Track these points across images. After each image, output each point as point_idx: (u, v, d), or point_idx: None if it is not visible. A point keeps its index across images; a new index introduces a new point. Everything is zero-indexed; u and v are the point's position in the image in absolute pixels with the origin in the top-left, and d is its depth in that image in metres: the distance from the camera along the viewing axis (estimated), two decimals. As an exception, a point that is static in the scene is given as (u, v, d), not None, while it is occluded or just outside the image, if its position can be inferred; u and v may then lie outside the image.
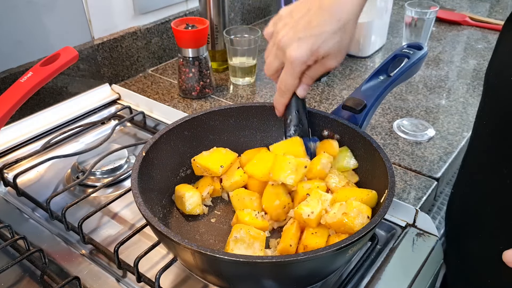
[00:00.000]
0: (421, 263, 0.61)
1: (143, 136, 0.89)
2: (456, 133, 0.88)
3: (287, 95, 0.63)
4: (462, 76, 1.10)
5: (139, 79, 1.10)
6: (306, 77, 0.60)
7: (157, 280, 0.55)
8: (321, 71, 0.60)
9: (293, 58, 0.56)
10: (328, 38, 0.55)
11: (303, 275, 0.51)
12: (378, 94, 0.69)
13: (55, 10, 0.91)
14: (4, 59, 0.86)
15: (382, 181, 0.58)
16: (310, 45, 0.55)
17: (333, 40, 0.55)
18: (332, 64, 0.58)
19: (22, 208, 0.72)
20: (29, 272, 0.61)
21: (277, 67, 0.61)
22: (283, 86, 0.61)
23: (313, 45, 0.55)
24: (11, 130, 0.84)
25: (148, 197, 0.59)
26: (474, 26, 1.36)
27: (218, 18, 1.05)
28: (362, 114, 0.68)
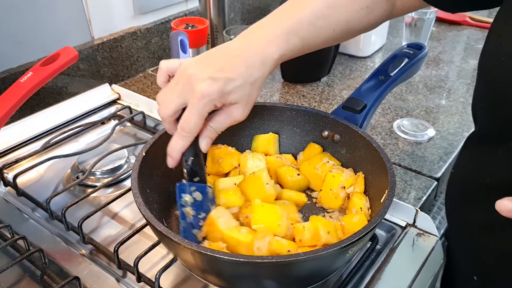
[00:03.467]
0: (421, 263, 0.61)
1: (143, 136, 0.89)
2: (456, 133, 0.88)
3: (189, 138, 0.56)
4: (462, 76, 1.10)
5: (139, 79, 1.10)
6: (210, 129, 0.57)
7: (157, 280, 0.55)
8: (226, 124, 0.57)
9: (203, 93, 0.52)
10: (239, 85, 0.54)
11: (303, 275, 0.51)
12: (378, 94, 0.69)
13: (55, 10, 0.91)
14: (4, 59, 0.86)
15: (382, 181, 0.58)
16: (222, 86, 0.53)
17: (244, 90, 0.54)
18: (238, 115, 0.56)
19: (22, 208, 0.72)
20: (29, 272, 0.61)
21: (178, 107, 0.55)
22: (186, 127, 0.55)
23: (225, 87, 0.53)
24: (11, 130, 0.84)
25: (148, 197, 0.59)
26: (474, 26, 1.36)
27: (218, 18, 1.05)
28: (362, 114, 0.68)
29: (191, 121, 0.54)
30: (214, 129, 0.57)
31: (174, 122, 0.57)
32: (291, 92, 1.03)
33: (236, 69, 0.54)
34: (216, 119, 0.57)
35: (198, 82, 0.53)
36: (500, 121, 0.56)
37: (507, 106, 0.54)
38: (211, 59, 0.56)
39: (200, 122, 0.55)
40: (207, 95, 0.53)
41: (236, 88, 0.54)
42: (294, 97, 1.01)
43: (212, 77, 0.53)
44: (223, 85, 0.53)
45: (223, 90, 0.53)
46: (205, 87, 0.52)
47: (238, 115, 0.56)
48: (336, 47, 1.05)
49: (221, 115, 0.57)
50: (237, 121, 0.57)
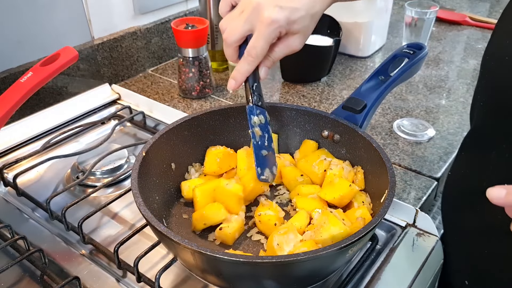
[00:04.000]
0: (421, 263, 0.61)
1: (143, 136, 0.89)
2: (456, 133, 0.88)
3: (255, 62, 0.59)
4: (462, 76, 1.10)
5: (139, 79, 1.10)
6: (269, 59, 0.60)
7: (157, 280, 0.55)
8: (283, 54, 0.60)
9: (272, 20, 0.55)
10: (303, 16, 0.56)
11: (303, 275, 0.51)
12: (378, 94, 0.69)
13: (55, 10, 0.91)
14: (4, 59, 0.86)
15: (382, 181, 0.58)
16: (288, 14, 0.55)
17: (305, 21, 0.57)
18: (296, 45, 0.59)
19: (22, 208, 0.72)
20: (29, 272, 0.61)
21: (244, 32, 0.58)
22: (253, 52, 0.58)
23: (291, 15, 0.56)
24: (11, 130, 0.84)
25: (148, 197, 0.59)
26: (474, 26, 1.36)
27: (218, 18, 1.05)
28: (362, 114, 0.68)
29: (258, 46, 0.57)
30: (272, 58, 0.60)
31: (237, 48, 0.60)
32: (291, 92, 1.03)
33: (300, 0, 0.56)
34: (274, 49, 0.59)
35: (266, 9, 0.55)
36: (497, 121, 0.56)
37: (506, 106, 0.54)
38: None
39: (266, 48, 0.57)
40: (275, 22, 0.55)
41: (301, 18, 0.56)
42: (294, 97, 1.01)
43: (280, 5, 0.55)
44: (290, 13, 0.55)
45: (289, 18, 0.56)
46: (274, 13, 0.55)
47: (296, 45, 0.59)
48: (336, 47, 1.05)
49: (280, 45, 0.59)
50: (294, 51, 0.59)
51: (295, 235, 0.56)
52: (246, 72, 0.60)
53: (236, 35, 0.58)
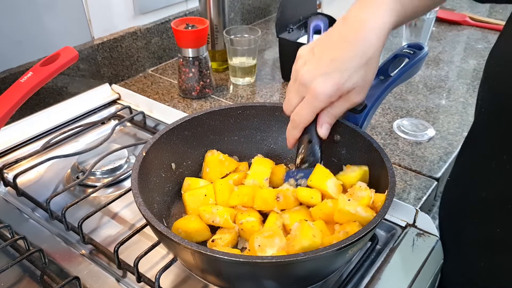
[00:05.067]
0: (421, 263, 0.61)
1: (143, 136, 0.89)
2: (456, 133, 0.88)
3: (299, 128, 0.59)
4: (462, 76, 1.10)
5: (139, 79, 1.10)
6: (329, 115, 0.58)
7: (157, 280, 0.55)
8: (345, 107, 0.57)
9: (318, 92, 0.54)
10: (353, 73, 0.53)
11: (303, 275, 0.51)
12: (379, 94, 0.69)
13: (55, 10, 0.91)
14: (4, 59, 0.86)
15: (382, 181, 0.58)
16: (336, 80, 0.53)
17: (358, 75, 0.53)
18: (357, 99, 0.56)
19: (22, 208, 0.72)
20: (29, 272, 0.61)
21: (297, 103, 0.58)
22: (297, 118, 0.58)
23: (340, 81, 0.53)
24: (11, 130, 0.84)
25: (148, 197, 0.59)
26: (474, 26, 1.36)
27: (218, 18, 1.05)
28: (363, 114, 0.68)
29: (302, 114, 0.57)
30: (333, 114, 0.58)
31: None
32: (291, 92, 1.03)
33: (346, 57, 0.53)
34: (334, 105, 0.57)
35: (312, 81, 0.54)
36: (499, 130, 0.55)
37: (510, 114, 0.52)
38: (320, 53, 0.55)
39: (311, 117, 0.57)
40: (321, 93, 0.54)
41: (350, 77, 0.53)
42: (294, 97, 1.00)
43: (324, 73, 0.53)
44: (338, 78, 0.53)
45: (338, 83, 0.53)
46: (320, 84, 0.53)
47: (356, 98, 0.56)
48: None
49: (339, 101, 0.56)
50: (356, 104, 0.57)
51: (281, 239, 0.54)
52: (294, 135, 0.61)
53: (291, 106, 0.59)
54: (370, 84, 0.56)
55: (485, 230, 0.59)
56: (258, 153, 0.73)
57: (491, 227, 0.58)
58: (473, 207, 0.61)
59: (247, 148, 0.74)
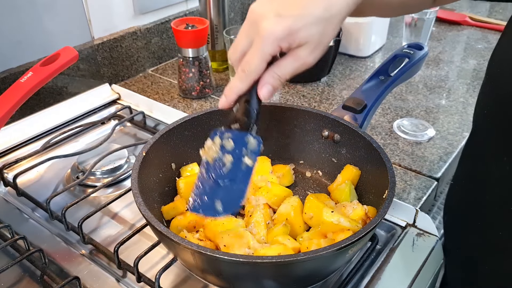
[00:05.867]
0: (421, 263, 0.61)
1: (143, 136, 0.89)
2: (456, 133, 0.88)
3: (248, 80, 0.50)
4: (462, 76, 1.10)
5: (139, 79, 1.10)
6: (273, 74, 0.50)
7: (157, 280, 0.55)
8: (292, 69, 0.49)
9: (267, 32, 0.46)
10: (311, 22, 0.46)
11: (303, 275, 0.51)
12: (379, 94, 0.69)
13: (55, 10, 0.91)
14: (4, 59, 0.86)
15: (382, 181, 0.58)
16: (289, 23, 0.46)
17: (316, 28, 0.47)
18: (307, 58, 0.48)
19: (22, 208, 0.72)
20: (29, 272, 0.61)
21: (245, 47, 0.50)
22: (246, 67, 0.49)
23: (293, 25, 0.46)
24: (11, 130, 0.84)
25: (148, 197, 0.59)
26: (474, 26, 1.36)
27: (218, 18, 1.05)
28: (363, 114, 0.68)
29: (252, 62, 0.49)
30: (278, 75, 0.50)
31: None
32: (291, 92, 1.03)
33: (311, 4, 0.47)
34: (280, 63, 0.49)
35: (263, 20, 0.47)
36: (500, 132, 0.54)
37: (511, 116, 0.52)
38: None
39: (262, 65, 0.49)
40: (270, 34, 0.46)
41: (306, 26, 0.46)
42: (294, 97, 1.01)
43: (280, 14, 0.46)
44: (292, 22, 0.46)
45: (291, 27, 0.46)
46: (270, 25, 0.46)
47: (306, 57, 0.48)
48: (336, 47, 1.05)
49: (287, 58, 0.49)
50: (306, 65, 0.49)
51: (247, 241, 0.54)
52: (238, 90, 0.51)
53: (237, 51, 0.51)
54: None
55: (489, 234, 0.59)
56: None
57: (495, 231, 0.58)
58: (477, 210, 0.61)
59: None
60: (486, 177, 0.58)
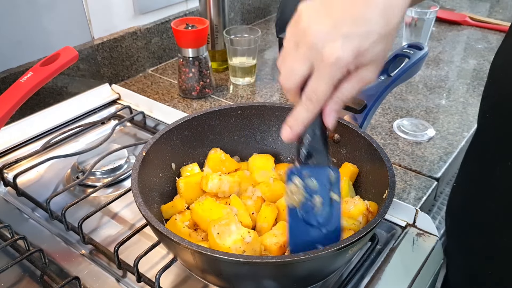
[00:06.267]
0: (421, 263, 0.61)
1: (143, 136, 0.89)
2: (456, 133, 0.88)
3: (316, 109, 0.46)
4: (462, 76, 1.10)
5: (139, 79, 1.10)
6: (337, 100, 0.46)
7: (157, 280, 0.55)
8: (356, 91, 0.45)
9: (335, 57, 0.41)
10: (375, 41, 0.42)
11: (303, 275, 0.51)
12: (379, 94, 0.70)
13: (55, 10, 0.91)
14: (4, 59, 0.86)
15: (382, 181, 0.58)
16: (357, 45, 0.41)
17: (380, 45, 0.42)
18: (369, 77, 0.44)
19: (22, 208, 0.72)
20: (29, 272, 0.61)
21: (304, 73, 0.44)
22: (314, 96, 0.44)
23: (361, 46, 0.41)
24: (11, 130, 0.84)
25: (148, 197, 0.59)
26: (474, 26, 1.36)
27: (218, 18, 1.05)
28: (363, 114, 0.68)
29: (319, 90, 0.44)
30: (341, 99, 0.46)
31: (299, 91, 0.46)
32: (291, 92, 1.03)
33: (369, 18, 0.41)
34: (344, 87, 0.45)
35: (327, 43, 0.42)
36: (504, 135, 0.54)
37: None
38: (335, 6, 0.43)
39: (330, 91, 0.44)
40: (339, 60, 0.42)
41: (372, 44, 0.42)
42: (294, 97, 1.00)
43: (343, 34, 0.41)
44: (358, 43, 0.41)
45: (358, 50, 0.42)
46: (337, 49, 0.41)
47: (370, 77, 0.44)
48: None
49: (351, 81, 0.44)
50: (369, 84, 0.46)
51: (237, 227, 0.55)
52: (306, 120, 0.47)
53: (294, 78, 0.45)
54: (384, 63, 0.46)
55: (494, 237, 0.58)
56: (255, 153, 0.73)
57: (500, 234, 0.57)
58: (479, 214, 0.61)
59: (247, 148, 0.74)
60: (489, 180, 0.58)
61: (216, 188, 0.63)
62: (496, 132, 0.56)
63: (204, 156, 0.71)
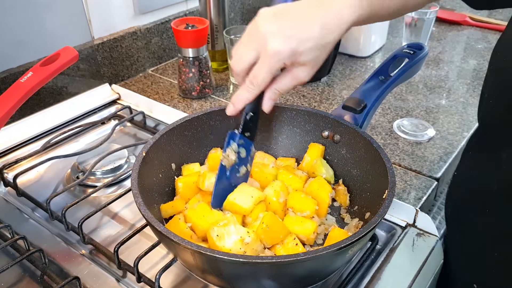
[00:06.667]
0: (421, 263, 0.61)
1: (143, 136, 0.89)
2: (456, 133, 0.88)
3: (255, 91, 0.58)
4: (462, 76, 1.10)
5: (139, 79, 1.10)
6: (274, 91, 0.58)
7: (157, 280, 0.55)
8: (290, 85, 0.58)
9: (275, 50, 0.53)
10: (311, 47, 0.54)
11: (303, 275, 0.51)
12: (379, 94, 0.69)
13: (55, 10, 0.91)
14: (4, 59, 0.86)
15: (382, 181, 0.58)
16: (294, 45, 0.53)
17: (314, 52, 0.54)
18: (303, 77, 0.57)
19: (22, 208, 0.72)
20: (29, 272, 0.61)
21: (251, 60, 0.56)
22: (255, 81, 0.56)
23: (297, 47, 0.53)
24: (11, 130, 0.84)
25: (148, 197, 0.59)
26: (474, 26, 1.36)
27: (218, 18, 1.05)
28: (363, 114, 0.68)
29: (259, 76, 0.56)
30: (278, 90, 0.58)
31: (245, 76, 0.58)
32: (291, 92, 1.03)
33: (311, 29, 0.54)
34: (280, 80, 0.57)
35: (272, 39, 0.53)
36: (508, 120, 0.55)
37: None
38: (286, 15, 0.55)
39: (268, 78, 0.56)
40: (278, 53, 0.53)
41: (308, 49, 0.54)
42: (294, 97, 1.01)
43: (287, 35, 0.53)
44: (296, 45, 0.53)
45: (296, 49, 0.53)
46: (279, 44, 0.53)
47: (303, 77, 0.56)
48: (336, 47, 1.05)
49: (286, 76, 0.57)
50: (301, 83, 0.57)
51: (236, 227, 0.55)
52: (245, 99, 0.59)
53: (242, 64, 0.57)
54: (316, 69, 0.57)
55: (494, 222, 0.59)
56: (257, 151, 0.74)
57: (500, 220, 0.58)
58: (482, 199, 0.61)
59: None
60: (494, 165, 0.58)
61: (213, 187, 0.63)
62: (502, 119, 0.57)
63: (204, 156, 0.71)
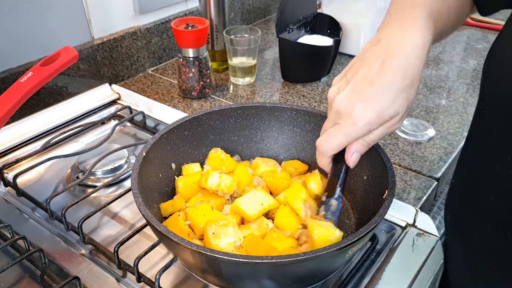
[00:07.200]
0: (421, 263, 0.61)
1: (143, 136, 0.89)
2: (456, 133, 0.88)
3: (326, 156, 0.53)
4: (462, 76, 1.10)
5: (139, 79, 1.10)
6: (363, 143, 0.51)
7: (157, 280, 0.55)
8: (382, 136, 0.51)
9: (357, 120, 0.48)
10: (396, 97, 0.48)
11: (303, 275, 0.51)
12: (378, 94, 0.69)
13: (55, 10, 0.91)
14: (4, 59, 0.86)
15: (382, 181, 0.58)
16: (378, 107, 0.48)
17: (400, 99, 0.48)
18: (397, 125, 0.50)
19: (22, 208, 0.72)
20: (29, 272, 0.61)
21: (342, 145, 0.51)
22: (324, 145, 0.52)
23: (381, 107, 0.48)
24: (11, 130, 0.84)
25: (148, 197, 0.59)
26: (474, 26, 1.36)
27: (218, 18, 1.05)
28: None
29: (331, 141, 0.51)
30: (368, 142, 0.52)
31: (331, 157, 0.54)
32: (291, 92, 1.03)
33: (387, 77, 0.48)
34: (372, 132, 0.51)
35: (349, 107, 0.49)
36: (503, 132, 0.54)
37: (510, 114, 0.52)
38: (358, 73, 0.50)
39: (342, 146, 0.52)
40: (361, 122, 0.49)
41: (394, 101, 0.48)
42: (294, 97, 1.01)
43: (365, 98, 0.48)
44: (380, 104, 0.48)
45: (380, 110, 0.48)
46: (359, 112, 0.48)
47: (396, 125, 0.51)
48: (336, 47, 1.05)
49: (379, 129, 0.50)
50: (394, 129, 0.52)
51: (234, 230, 0.55)
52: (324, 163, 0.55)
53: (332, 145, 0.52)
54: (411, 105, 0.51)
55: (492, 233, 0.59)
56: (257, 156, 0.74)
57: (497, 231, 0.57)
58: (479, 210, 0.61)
59: (247, 148, 0.74)
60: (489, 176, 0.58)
61: (216, 185, 0.63)
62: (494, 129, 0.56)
63: (204, 156, 0.71)
